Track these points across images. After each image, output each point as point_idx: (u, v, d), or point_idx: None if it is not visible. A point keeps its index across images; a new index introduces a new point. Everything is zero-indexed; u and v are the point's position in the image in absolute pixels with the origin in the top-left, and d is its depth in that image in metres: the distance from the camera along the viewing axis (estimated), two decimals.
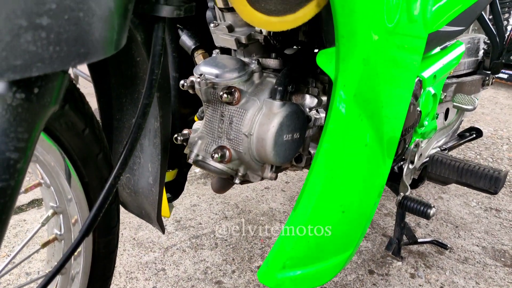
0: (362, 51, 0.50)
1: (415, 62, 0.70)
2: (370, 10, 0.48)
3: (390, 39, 0.55)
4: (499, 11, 1.31)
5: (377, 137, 0.61)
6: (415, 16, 0.62)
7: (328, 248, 0.67)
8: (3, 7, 0.28)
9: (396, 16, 0.53)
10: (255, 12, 0.47)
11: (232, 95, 0.68)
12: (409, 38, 0.63)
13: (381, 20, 0.51)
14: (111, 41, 0.35)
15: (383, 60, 0.56)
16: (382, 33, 0.53)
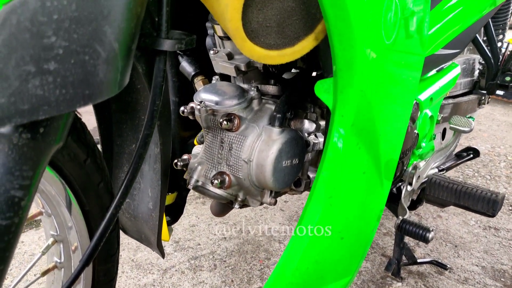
0: (359, 83, 0.51)
1: (413, 85, 0.71)
2: (368, 44, 0.49)
3: (387, 66, 0.56)
4: (493, 33, 1.33)
5: (375, 164, 0.62)
6: (412, 34, 0.63)
7: (328, 274, 0.67)
8: (13, 54, 0.29)
9: (393, 35, 0.54)
10: (255, 46, 0.48)
11: (231, 122, 0.69)
12: (407, 58, 0.64)
13: (379, 55, 0.52)
14: (115, 82, 0.36)
15: (380, 90, 0.57)
16: (380, 61, 0.54)
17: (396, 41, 0.57)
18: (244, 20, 0.46)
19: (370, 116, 0.56)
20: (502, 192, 0.91)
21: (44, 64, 0.31)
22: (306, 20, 0.50)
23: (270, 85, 0.76)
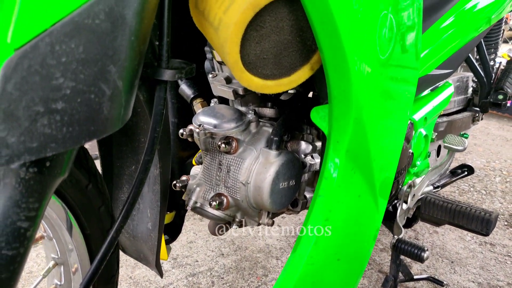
0: (354, 112, 0.53)
1: (407, 105, 0.73)
2: (362, 64, 0.51)
3: (382, 84, 0.58)
4: (485, 52, 1.36)
5: (370, 187, 0.64)
6: (407, 49, 0.65)
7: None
8: (24, 96, 0.31)
9: (388, 50, 0.55)
10: (252, 77, 0.50)
11: (229, 145, 0.71)
12: (402, 74, 0.65)
13: (374, 86, 0.54)
14: (118, 117, 0.37)
15: (375, 113, 0.59)
16: (375, 79, 0.56)
17: (392, 56, 0.58)
18: (242, 53, 0.48)
19: (365, 142, 0.58)
20: (495, 210, 0.92)
21: (52, 104, 0.32)
22: (301, 51, 0.52)
23: (267, 107, 0.77)
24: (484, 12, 1.19)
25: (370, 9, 0.50)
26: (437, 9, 1.06)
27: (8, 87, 0.30)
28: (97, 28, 0.33)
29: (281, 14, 0.47)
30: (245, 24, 0.45)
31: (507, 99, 1.37)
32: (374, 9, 0.50)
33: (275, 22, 0.47)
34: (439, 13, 1.07)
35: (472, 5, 1.14)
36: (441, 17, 1.08)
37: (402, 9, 0.59)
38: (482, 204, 1.99)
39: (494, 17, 1.24)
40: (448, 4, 1.09)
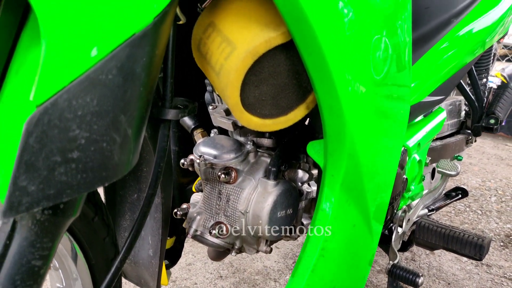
0: (348, 148, 0.56)
1: (400, 132, 0.75)
2: (355, 113, 0.54)
3: (375, 112, 0.61)
4: (476, 78, 1.40)
5: (364, 217, 0.66)
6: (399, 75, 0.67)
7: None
8: (44, 149, 0.34)
9: (384, 70, 0.58)
10: (252, 117, 0.53)
11: (229, 175, 0.73)
12: (396, 95, 0.67)
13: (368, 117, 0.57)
14: (128, 162, 0.40)
15: (368, 145, 0.62)
16: (368, 105, 0.59)
17: (386, 77, 0.61)
18: (242, 96, 0.51)
19: (359, 175, 0.60)
20: (488, 236, 0.95)
21: (68, 154, 0.35)
22: (298, 92, 0.55)
23: (265, 138, 0.80)
24: (478, 36, 1.22)
25: (362, 49, 0.53)
26: (428, 39, 1.10)
27: (30, 141, 0.33)
28: (110, 83, 0.36)
29: (278, 60, 0.50)
30: (245, 70, 0.48)
31: (499, 123, 1.41)
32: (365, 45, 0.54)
33: (272, 68, 0.51)
34: (430, 42, 1.11)
35: (466, 31, 1.18)
36: (433, 46, 1.12)
37: (395, 30, 0.61)
38: (478, 224, 2.01)
39: (488, 40, 1.28)
40: (440, 33, 1.13)
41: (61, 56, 0.34)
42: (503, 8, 1.28)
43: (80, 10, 0.34)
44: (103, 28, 0.36)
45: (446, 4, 1.10)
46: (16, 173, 0.33)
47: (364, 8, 0.52)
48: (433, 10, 1.08)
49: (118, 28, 0.36)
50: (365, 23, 0.52)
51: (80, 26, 0.34)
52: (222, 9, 0.52)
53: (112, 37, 0.36)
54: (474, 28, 1.18)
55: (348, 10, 0.48)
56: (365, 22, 0.52)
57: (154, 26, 0.39)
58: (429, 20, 1.08)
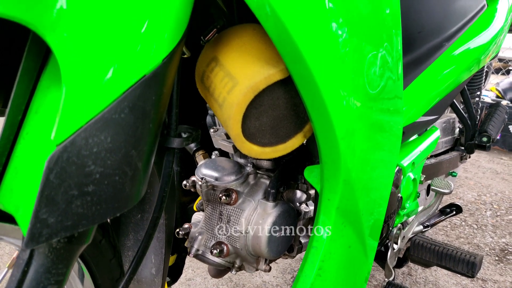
0: (343, 174, 0.59)
1: (394, 154, 0.78)
2: (349, 141, 0.58)
3: (368, 134, 0.64)
4: (468, 97, 1.44)
5: (359, 238, 0.69)
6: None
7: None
8: (62, 184, 0.37)
9: (379, 86, 0.61)
10: (252, 146, 0.56)
11: (230, 196, 0.76)
12: (388, 112, 0.70)
13: (362, 147, 0.60)
14: (137, 193, 0.43)
15: (362, 169, 0.65)
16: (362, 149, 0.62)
17: (380, 96, 0.63)
18: (243, 127, 0.54)
19: (354, 199, 0.64)
20: (480, 254, 0.97)
21: (84, 187, 0.38)
22: (295, 122, 0.58)
23: (264, 160, 0.84)
24: (470, 58, 1.26)
25: (356, 81, 0.57)
26: (421, 62, 1.14)
27: (50, 177, 0.36)
28: (122, 121, 0.40)
29: (277, 94, 0.54)
30: (246, 104, 0.52)
31: (491, 141, 1.44)
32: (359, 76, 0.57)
33: (272, 101, 0.54)
34: (423, 65, 1.15)
35: (457, 53, 1.22)
36: (426, 68, 1.16)
37: (389, 45, 0.64)
38: (474, 238, 2.04)
39: (480, 61, 1.32)
40: (433, 56, 1.17)
41: (79, 99, 0.37)
42: (494, 30, 1.32)
43: (96, 56, 0.38)
44: (116, 72, 0.39)
45: (438, 28, 1.14)
46: (38, 206, 0.36)
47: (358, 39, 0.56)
48: (426, 34, 1.12)
49: (130, 70, 0.40)
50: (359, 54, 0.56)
51: (96, 70, 0.38)
52: (225, 44, 0.56)
53: (124, 79, 0.39)
54: (466, 50, 1.22)
55: (344, 44, 0.52)
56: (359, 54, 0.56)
57: (163, 66, 0.42)
58: (422, 44, 1.12)
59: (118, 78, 0.39)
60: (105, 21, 0.37)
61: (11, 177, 0.40)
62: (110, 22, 0.37)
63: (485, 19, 1.27)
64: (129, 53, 0.39)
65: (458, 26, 1.19)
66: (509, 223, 2.23)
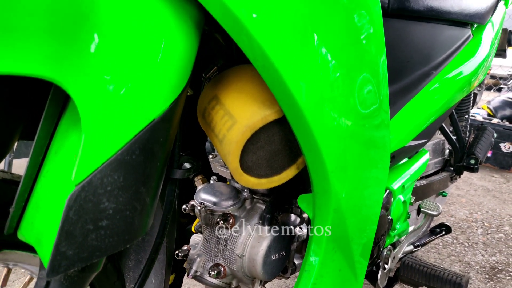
0: (333, 203, 0.64)
1: (382, 183, 0.83)
2: (340, 174, 0.62)
3: (357, 165, 0.69)
4: (456, 120, 1.50)
5: (348, 263, 0.73)
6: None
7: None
8: (80, 219, 0.41)
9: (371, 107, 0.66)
10: (249, 177, 0.61)
11: (227, 221, 0.81)
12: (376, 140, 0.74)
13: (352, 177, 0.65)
14: (145, 224, 0.48)
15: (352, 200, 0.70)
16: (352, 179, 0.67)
17: (373, 113, 0.67)
18: (241, 161, 0.59)
19: (344, 226, 0.68)
20: (466, 274, 1.02)
21: (99, 222, 0.42)
22: (289, 156, 0.63)
23: None
24: (457, 85, 1.32)
25: (347, 118, 0.62)
26: (410, 90, 1.20)
27: (70, 214, 0.41)
28: (133, 162, 0.44)
29: (273, 132, 0.59)
30: (244, 141, 0.56)
31: (479, 163, 1.50)
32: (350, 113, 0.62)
33: (268, 137, 0.59)
34: (412, 93, 1.20)
35: (445, 80, 1.28)
36: (415, 96, 1.21)
37: (375, 79, 0.69)
38: (465, 256, 2.08)
39: (467, 88, 1.38)
40: (421, 84, 1.22)
41: (96, 143, 0.42)
42: (480, 58, 1.38)
43: (112, 106, 0.42)
44: (129, 118, 0.44)
45: (425, 57, 1.20)
46: (58, 240, 0.40)
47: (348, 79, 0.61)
48: (414, 63, 1.18)
49: (141, 116, 0.44)
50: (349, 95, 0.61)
51: (111, 118, 0.43)
52: (225, 84, 0.61)
53: (135, 124, 0.44)
54: (453, 77, 1.28)
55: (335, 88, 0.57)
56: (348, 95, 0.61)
57: (170, 110, 0.47)
58: (411, 73, 1.18)
59: (130, 123, 0.44)
60: (120, 76, 0.42)
61: (32, 212, 0.44)
62: (125, 77, 0.42)
63: (471, 48, 1.34)
64: (140, 102, 0.44)
65: (445, 55, 1.26)
66: (499, 241, 2.28)
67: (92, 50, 0.40)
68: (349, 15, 0.59)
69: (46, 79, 0.38)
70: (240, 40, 0.47)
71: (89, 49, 0.40)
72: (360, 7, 0.61)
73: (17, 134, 0.56)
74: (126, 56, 0.42)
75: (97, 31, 0.40)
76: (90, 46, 0.40)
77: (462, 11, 1.22)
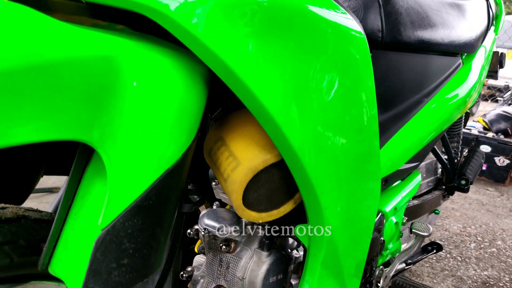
0: (326, 235, 0.70)
1: (373, 209, 0.90)
2: (333, 209, 0.69)
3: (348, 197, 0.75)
4: (448, 143, 1.57)
5: (341, 286, 0.80)
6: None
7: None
8: (105, 259, 0.47)
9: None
10: (251, 212, 0.68)
11: (229, 246, 0.87)
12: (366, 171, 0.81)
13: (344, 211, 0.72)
14: (160, 260, 0.54)
15: (345, 230, 0.76)
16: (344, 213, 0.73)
17: (359, 169, 0.75)
18: (244, 198, 0.65)
19: (336, 254, 0.74)
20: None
21: (121, 260, 0.49)
22: (287, 192, 0.70)
23: None
24: (447, 111, 1.38)
25: (337, 163, 0.69)
26: (403, 117, 1.26)
27: (97, 255, 0.47)
28: (150, 207, 0.51)
29: (273, 172, 0.65)
30: (247, 181, 0.63)
31: (469, 184, 1.56)
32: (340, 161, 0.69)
33: (268, 177, 0.65)
34: (404, 119, 1.27)
35: (436, 107, 1.34)
36: (407, 122, 1.28)
37: (365, 120, 0.75)
38: (457, 271, 2.14)
39: (457, 113, 1.45)
40: (413, 111, 1.29)
41: (119, 192, 0.48)
42: (469, 85, 1.45)
43: (133, 161, 0.49)
44: (147, 170, 0.50)
45: (417, 86, 1.27)
46: (87, 278, 0.47)
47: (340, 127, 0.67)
48: (406, 92, 1.25)
49: (157, 167, 0.51)
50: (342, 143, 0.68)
51: (132, 170, 0.49)
52: (230, 127, 0.68)
53: (152, 174, 0.51)
54: (444, 104, 1.35)
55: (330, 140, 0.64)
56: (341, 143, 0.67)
57: (182, 159, 0.54)
58: (403, 101, 1.25)
59: (147, 174, 0.50)
60: (140, 135, 0.48)
61: (62, 250, 0.51)
62: (144, 135, 0.49)
63: (461, 75, 1.41)
64: (156, 155, 0.50)
65: (436, 83, 1.33)
66: (492, 255, 2.34)
67: (117, 115, 0.47)
68: (337, 58, 0.64)
69: (80, 141, 0.45)
70: (241, 97, 0.54)
71: (115, 114, 0.47)
72: (348, 45, 0.66)
73: (40, 175, 0.62)
74: (145, 117, 0.49)
75: (121, 98, 0.47)
76: (116, 111, 0.47)
77: (452, 43, 1.29)
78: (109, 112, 0.46)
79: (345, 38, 0.63)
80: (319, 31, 0.59)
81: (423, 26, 1.20)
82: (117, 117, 0.47)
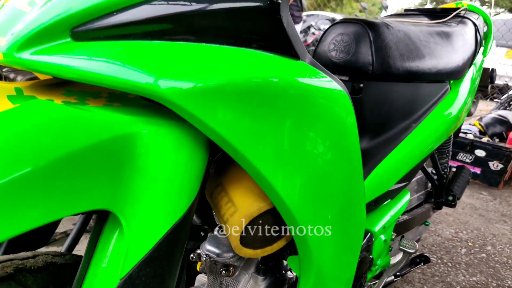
0: (315, 268, 0.79)
1: (360, 234, 0.98)
2: (319, 248, 0.78)
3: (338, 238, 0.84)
4: (437, 161, 1.65)
5: None
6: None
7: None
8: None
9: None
10: (248, 250, 0.76)
11: (228, 270, 0.96)
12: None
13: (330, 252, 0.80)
14: None
15: (332, 261, 0.85)
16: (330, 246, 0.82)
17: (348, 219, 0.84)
18: (241, 239, 0.74)
19: (325, 281, 0.84)
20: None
21: None
22: (280, 232, 0.79)
23: None
24: (435, 134, 1.46)
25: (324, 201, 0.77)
26: (392, 141, 1.34)
27: None
28: (161, 257, 0.59)
29: (267, 217, 0.74)
30: (243, 227, 0.72)
31: (456, 200, 1.65)
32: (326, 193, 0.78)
33: (262, 221, 0.74)
34: (394, 143, 1.35)
35: (424, 131, 1.42)
36: (397, 146, 1.36)
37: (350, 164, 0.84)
38: (447, 277, 2.23)
39: (443, 135, 1.53)
40: (402, 135, 1.37)
41: (135, 246, 0.57)
42: (457, 108, 1.53)
43: (147, 220, 0.57)
44: (158, 226, 0.59)
45: (406, 113, 1.35)
46: None
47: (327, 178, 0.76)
48: (395, 119, 1.33)
49: (166, 223, 0.60)
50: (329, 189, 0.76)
51: (146, 227, 0.58)
52: (228, 175, 0.76)
53: (162, 229, 0.59)
54: (431, 128, 1.43)
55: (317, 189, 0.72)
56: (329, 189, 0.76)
57: (187, 212, 0.62)
58: (392, 127, 1.33)
59: (158, 229, 0.59)
60: (152, 199, 0.57)
61: None
62: (156, 199, 0.57)
63: (449, 100, 1.49)
64: (166, 213, 0.59)
65: (424, 109, 1.41)
66: (481, 261, 2.43)
67: (132, 183, 0.55)
68: (322, 118, 0.72)
69: (103, 209, 0.53)
70: (238, 161, 0.62)
71: (130, 182, 0.55)
72: (332, 104, 0.73)
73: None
74: (156, 183, 0.57)
75: (136, 168, 0.55)
76: (131, 180, 0.55)
77: (439, 71, 1.37)
78: (126, 182, 0.55)
79: (329, 99, 0.71)
80: (304, 98, 0.67)
81: (412, 58, 1.28)
82: (132, 184, 0.56)
